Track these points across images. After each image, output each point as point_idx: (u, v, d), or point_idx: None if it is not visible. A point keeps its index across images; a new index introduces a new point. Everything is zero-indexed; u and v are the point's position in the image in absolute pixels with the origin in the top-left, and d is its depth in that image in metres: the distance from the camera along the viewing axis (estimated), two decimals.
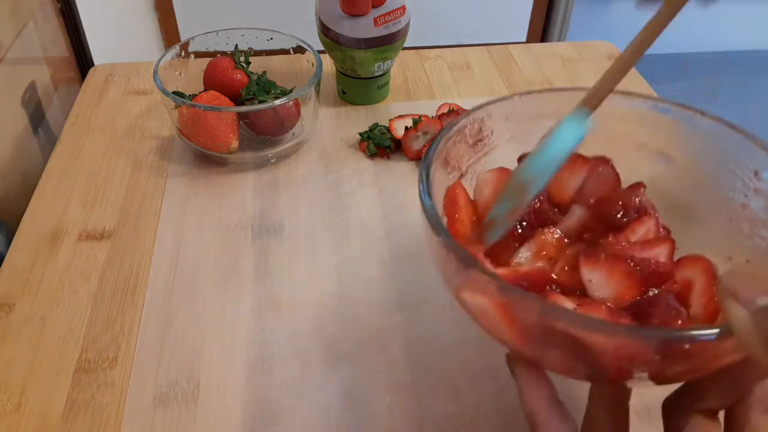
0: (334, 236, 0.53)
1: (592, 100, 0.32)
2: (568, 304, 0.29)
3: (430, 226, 0.30)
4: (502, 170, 0.38)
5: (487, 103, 0.38)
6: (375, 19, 0.59)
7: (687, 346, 0.25)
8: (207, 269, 0.50)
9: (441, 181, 0.35)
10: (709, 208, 0.36)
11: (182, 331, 0.45)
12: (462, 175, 0.38)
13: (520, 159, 0.37)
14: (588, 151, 0.37)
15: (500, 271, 0.32)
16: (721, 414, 0.29)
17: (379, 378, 0.43)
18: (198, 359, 0.43)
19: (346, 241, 0.52)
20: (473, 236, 0.35)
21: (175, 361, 0.43)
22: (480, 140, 0.38)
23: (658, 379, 0.28)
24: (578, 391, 0.35)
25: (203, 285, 0.48)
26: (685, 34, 1.69)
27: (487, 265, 0.32)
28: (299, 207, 0.55)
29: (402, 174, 0.59)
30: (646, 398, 0.31)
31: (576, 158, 0.37)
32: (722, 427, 0.28)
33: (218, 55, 0.62)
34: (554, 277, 0.33)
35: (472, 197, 0.38)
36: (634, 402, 0.28)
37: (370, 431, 0.40)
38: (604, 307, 0.30)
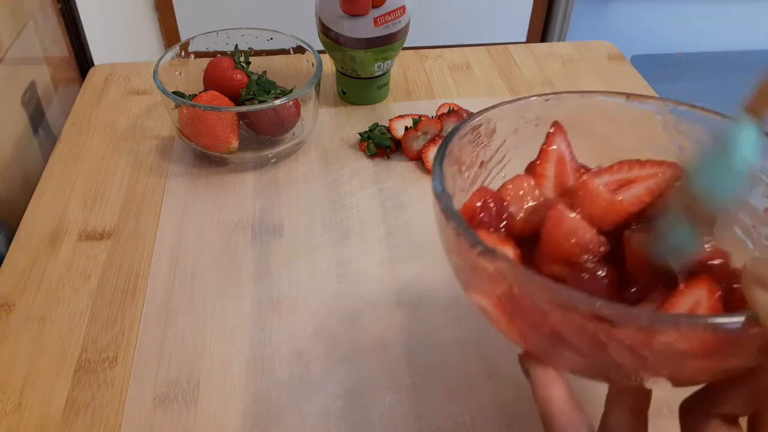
0: (334, 236, 0.53)
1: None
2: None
3: (442, 211, 0.29)
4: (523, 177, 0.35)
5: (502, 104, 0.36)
6: (375, 19, 0.59)
7: (712, 334, 0.23)
8: (207, 269, 0.50)
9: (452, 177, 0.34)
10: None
11: (182, 331, 0.45)
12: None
13: (529, 168, 0.36)
14: (586, 158, 0.36)
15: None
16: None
17: (379, 378, 0.43)
18: (198, 359, 0.43)
19: (346, 241, 0.52)
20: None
21: (175, 361, 0.43)
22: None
23: (676, 378, 0.26)
24: (592, 396, 0.35)
25: (203, 285, 0.48)
26: (685, 34, 1.69)
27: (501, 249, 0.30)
28: (299, 207, 0.55)
29: (402, 174, 0.59)
30: (666, 395, 0.30)
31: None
32: None
33: (218, 55, 0.62)
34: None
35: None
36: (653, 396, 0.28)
37: (370, 431, 0.40)
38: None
